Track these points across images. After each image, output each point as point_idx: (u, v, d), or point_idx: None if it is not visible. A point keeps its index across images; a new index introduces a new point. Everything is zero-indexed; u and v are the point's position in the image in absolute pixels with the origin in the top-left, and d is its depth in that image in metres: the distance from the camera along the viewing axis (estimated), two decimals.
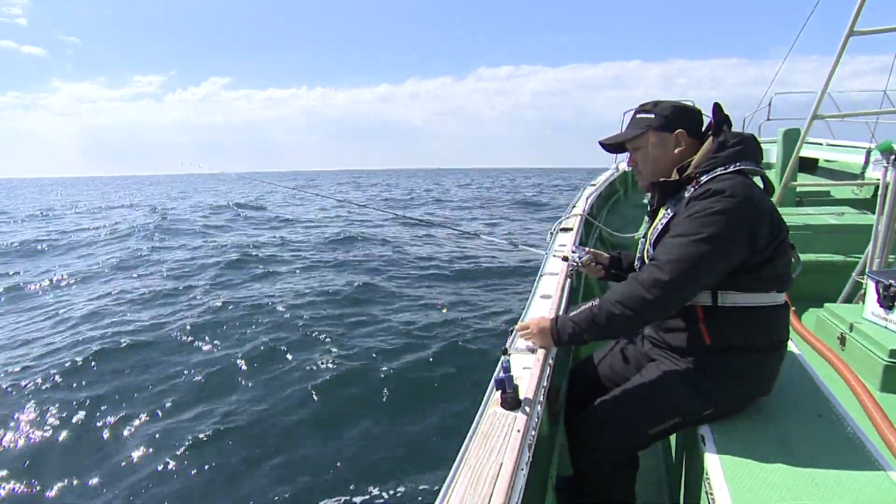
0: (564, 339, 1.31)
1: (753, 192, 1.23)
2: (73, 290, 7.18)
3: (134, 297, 6.37)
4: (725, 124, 1.34)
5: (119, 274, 8.07)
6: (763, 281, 1.26)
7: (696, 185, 1.27)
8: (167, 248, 10.33)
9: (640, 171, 1.45)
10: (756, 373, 1.31)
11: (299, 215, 16.41)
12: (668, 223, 1.30)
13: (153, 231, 12.82)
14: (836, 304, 2.43)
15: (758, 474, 1.09)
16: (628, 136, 1.43)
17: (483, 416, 1.06)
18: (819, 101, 2.82)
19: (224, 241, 11.11)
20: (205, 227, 13.94)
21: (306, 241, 10.94)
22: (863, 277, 2.43)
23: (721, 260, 1.20)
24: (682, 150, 1.37)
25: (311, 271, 7.87)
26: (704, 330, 1.29)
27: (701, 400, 1.29)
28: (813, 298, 2.59)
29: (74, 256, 10.19)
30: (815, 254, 2.89)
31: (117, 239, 12.00)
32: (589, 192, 4.10)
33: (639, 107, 1.44)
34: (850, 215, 3.29)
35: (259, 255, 9.12)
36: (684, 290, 1.21)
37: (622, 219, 4.68)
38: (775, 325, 1.31)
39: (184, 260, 8.91)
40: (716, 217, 1.18)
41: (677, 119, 1.38)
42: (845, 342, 2.05)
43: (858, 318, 2.05)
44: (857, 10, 2.51)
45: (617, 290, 1.26)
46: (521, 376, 1.20)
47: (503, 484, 0.85)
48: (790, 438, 1.21)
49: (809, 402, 1.38)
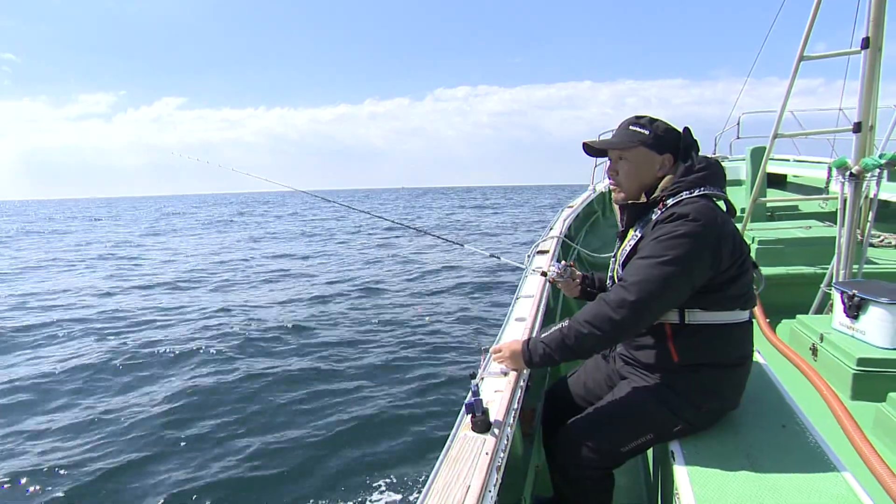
0: (536, 360, 1.34)
1: (717, 215, 1.28)
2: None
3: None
4: (693, 149, 1.39)
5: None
6: (727, 299, 1.31)
7: (663, 208, 1.32)
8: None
9: (621, 184, 1.43)
10: (723, 388, 1.34)
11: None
12: (636, 244, 1.35)
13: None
14: (807, 315, 2.49)
15: (724, 485, 1.11)
16: (619, 146, 1.41)
17: (454, 439, 1.08)
18: (779, 122, 2.95)
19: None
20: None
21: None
22: (830, 288, 2.50)
23: (685, 281, 1.24)
24: (663, 173, 1.39)
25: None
26: (673, 347, 1.33)
27: (672, 417, 1.32)
28: (786, 310, 2.65)
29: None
30: (786, 266, 2.97)
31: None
32: (566, 213, 4.18)
33: (633, 118, 1.43)
34: (818, 228, 3.40)
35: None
36: (650, 310, 1.25)
37: (600, 239, 4.76)
38: (740, 342, 1.35)
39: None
40: (680, 240, 1.22)
41: (669, 142, 1.38)
42: (817, 352, 2.09)
43: (828, 329, 2.10)
44: (804, 38, 2.67)
45: (586, 310, 1.30)
46: (493, 399, 1.23)
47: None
48: (755, 449, 1.24)
49: (775, 413, 1.41)
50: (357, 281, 8.30)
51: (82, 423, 3.78)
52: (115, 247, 16.03)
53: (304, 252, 12.76)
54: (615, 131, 1.45)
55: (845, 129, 2.64)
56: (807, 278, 2.88)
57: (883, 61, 2.49)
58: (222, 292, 8.14)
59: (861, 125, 2.47)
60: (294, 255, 12.16)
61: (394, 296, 7.17)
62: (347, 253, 12.50)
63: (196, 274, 9.66)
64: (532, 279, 2.21)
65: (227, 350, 5.11)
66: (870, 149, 2.60)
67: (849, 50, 2.64)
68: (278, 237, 17.32)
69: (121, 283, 9.15)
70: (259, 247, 14.64)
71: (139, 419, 3.74)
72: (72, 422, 3.83)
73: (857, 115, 2.50)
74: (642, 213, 1.40)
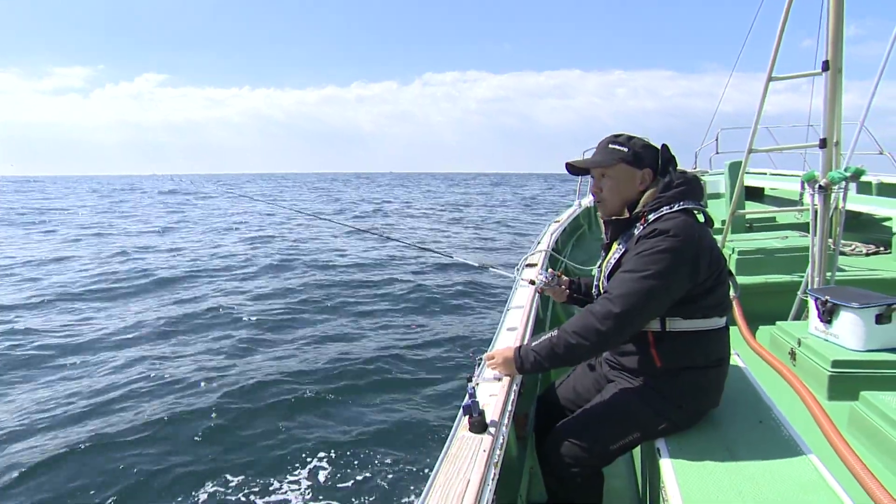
0: (527, 366, 1.42)
1: (696, 229, 1.38)
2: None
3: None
4: (671, 165, 1.49)
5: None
6: (704, 308, 1.40)
7: (645, 223, 1.41)
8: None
9: (605, 199, 1.52)
10: (703, 388, 1.43)
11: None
12: (620, 258, 1.44)
13: None
14: (786, 321, 2.60)
15: (706, 476, 1.20)
16: (600, 164, 1.49)
17: (453, 439, 1.15)
18: (752, 137, 3.11)
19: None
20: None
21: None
22: (806, 295, 2.62)
23: (666, 294, 1.33)
24: (644, 186, 1.47)
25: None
26: (655, 353, 1.42)
27: (656, 416, 1.40)
28: (766, 317, 2.75)
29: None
30: (765, 275, 3.09)
31: None
32: (553, 228, 4.31)
33: (611, 137, 1.51)
34: (793, 238, 3.54)
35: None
36: (634, 321, 1.34)
37: (586, 252, 4.88)
38: (718, 346, 1.45)
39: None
40: (661, 255, 1.31)
41: (647, 157, 1.47)
42: (795, 356, 2.19)
43: (805, 334, 2.20)
44: (772, 60, 2.84)
45: (573, 321, 1.38)
46: (488, 403, 1.30)
47: (470, 499, 0.94)
48: (735, 444, 1.33)
49: (753, 410, 1.51)
50: (344, 282, 8.33)
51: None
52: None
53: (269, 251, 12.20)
54: (595, 150, 1.55)
55: (811, 144, 2.81)
56: (784, 286, 2.99)
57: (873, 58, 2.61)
58: (213, 283, 8.13)
59: (826, 141, 2.63)
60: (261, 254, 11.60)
61: (385, 300, 7.21)
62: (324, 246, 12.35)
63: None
64: (522, 291, 2.30)
65: (221, 347, 5.12)
66: (837, 162, 2.76)
67: (812, 72, 2.82)
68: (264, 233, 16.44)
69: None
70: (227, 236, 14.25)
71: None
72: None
73: (822, 131, 2.66)
74: (625, 228, 1.48)
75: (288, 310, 6.57)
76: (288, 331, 5.80)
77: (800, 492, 1.11)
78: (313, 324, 6.04)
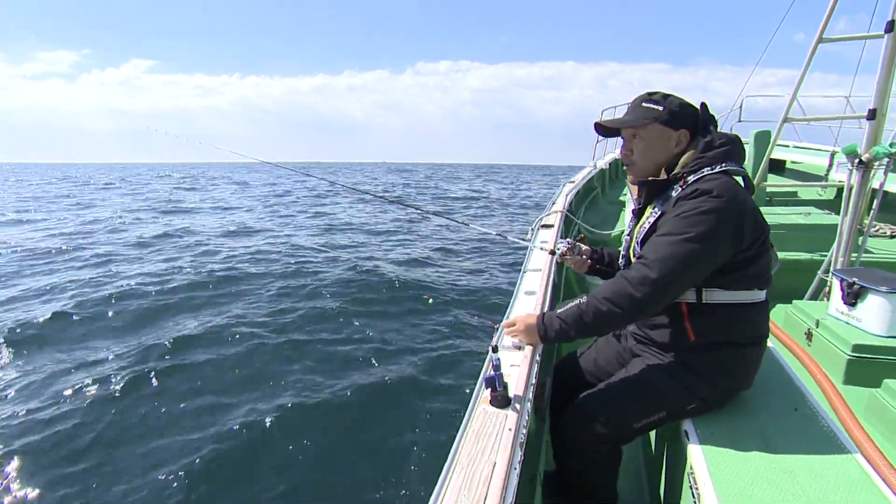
0: (551, 335, 1.32)
1: (739, 192, 1.25)
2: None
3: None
4: (711, 124, 1.35)
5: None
6: (746, 279, 1.29)
7: (684, 185, 1.29)
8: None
9: (635, 162, 1.40)
10: (739, 367, 1.34)
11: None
12: (655, 222, 1.31)
13: None
14: (803, 300, 2.52)
15: (739, 466, 1.11)
16: (632, 124, 1.37)
17: (473, 414, 1.05)
18: (790, 106, 2.91)
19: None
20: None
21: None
22: (828, 275, 2.52)
23: (708, 258, 1.22)
24: (680, 149, 1.35)
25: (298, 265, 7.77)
26: (689, 327, 1.31)
27: (686, 395, 1.31)
28: (782, 295, 2.68)
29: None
30: (784, 252, 2.99)
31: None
32: (568, 188, 4.16)
33: (645, 94, 1.39)
34: (816, 215, 3.42)
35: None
36: (672, 288, 1.23)
37: (600, 215, 4.76)
38: (757, 321, 1.34)
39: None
40: (704, 217, 1.20)
41: (684, 117, 1.35)
42: (812, 337, 2.12)
43: (824, 315, 2.13)
44: (825, 19, 2.60)
45: (605, 287, 1.27)
46: (510, 374, 1.20)
47: (497, 484, 0.84)
48: (768, 431, 1.24)
49: (785, 395, 1.42)
50: (354, 258, 8.19)
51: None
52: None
53: (276, 223, 12.16)
54: (627, 109, 1.41)
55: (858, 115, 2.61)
56: (803, 264, 2.90)
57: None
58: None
59: (876, 112, 2.44)
60: (269, 231, 11.59)
61: (394, 271, 7.09)
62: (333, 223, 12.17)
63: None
64: (538, 254, 2.18)
65: (235, 321, 4.98)
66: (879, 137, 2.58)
67: (871, 34, 2.57)
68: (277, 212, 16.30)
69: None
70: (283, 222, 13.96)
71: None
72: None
73: (872, 101, 2.46)
74: (662, 190, 1.35)
75: (296, 263, 6.39)
76: (294, 298, 5.66)
77: (843, 491, 1.04)
78: (321, 293, 5.89)
